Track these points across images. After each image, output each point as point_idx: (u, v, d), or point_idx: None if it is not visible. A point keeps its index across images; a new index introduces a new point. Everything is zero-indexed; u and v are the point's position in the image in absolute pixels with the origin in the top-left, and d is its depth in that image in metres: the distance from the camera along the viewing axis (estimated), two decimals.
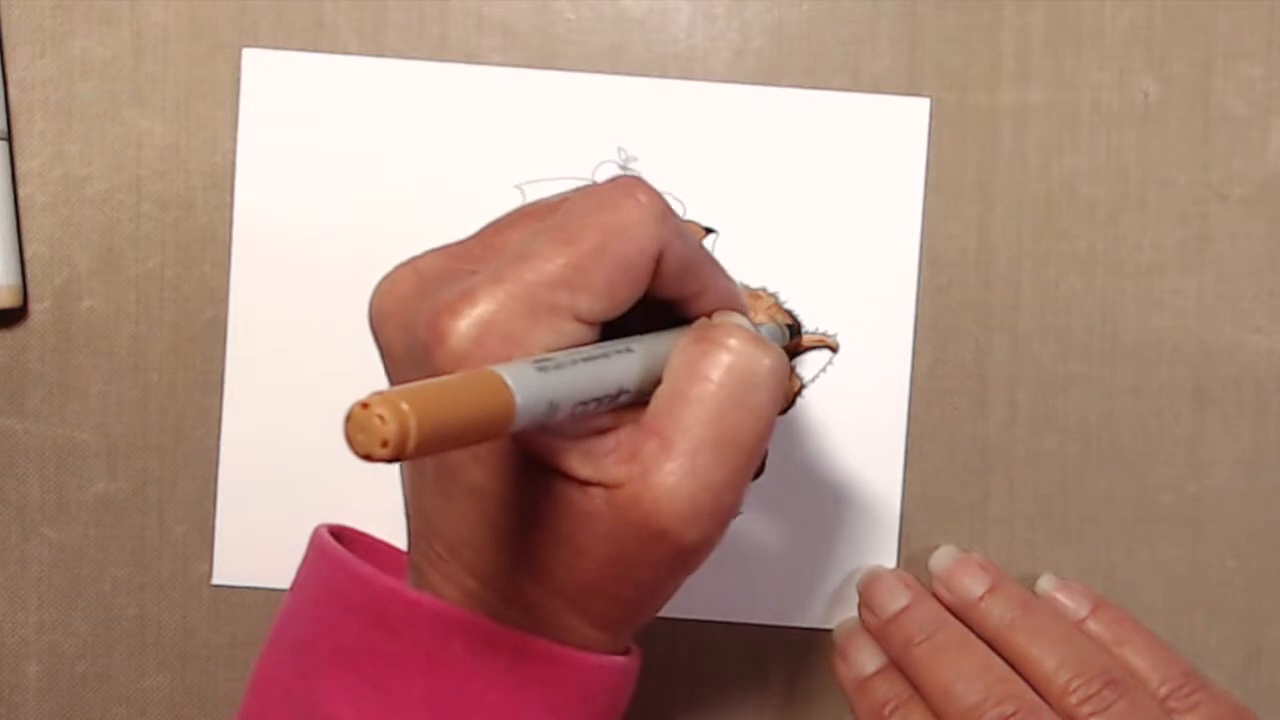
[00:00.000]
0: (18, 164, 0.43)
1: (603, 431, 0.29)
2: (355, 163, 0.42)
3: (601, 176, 0.42)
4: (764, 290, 0.42)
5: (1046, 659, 0.38)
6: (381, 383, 0.32)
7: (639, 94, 0.42)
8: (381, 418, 0.22)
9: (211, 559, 0.43)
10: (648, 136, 0.42)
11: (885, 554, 0.43)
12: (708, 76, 0.42)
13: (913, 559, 0.43)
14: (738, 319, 0.32)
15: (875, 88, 0.42)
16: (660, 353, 0.30)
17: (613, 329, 0.30)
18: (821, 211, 0.42)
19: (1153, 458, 0.43)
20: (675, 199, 0.42)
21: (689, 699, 0.43)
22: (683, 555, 0.30)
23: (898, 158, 0.42)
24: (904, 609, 0.40)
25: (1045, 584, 0.41)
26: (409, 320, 0.30)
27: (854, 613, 0.42)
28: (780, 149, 0.42)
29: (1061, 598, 0.41)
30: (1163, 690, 0.38)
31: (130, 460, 0.43)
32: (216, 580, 0.43)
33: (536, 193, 0.42)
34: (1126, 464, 0.43)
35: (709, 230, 0.42)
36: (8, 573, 0.43)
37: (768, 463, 0.43)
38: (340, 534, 0.37)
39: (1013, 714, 0.36)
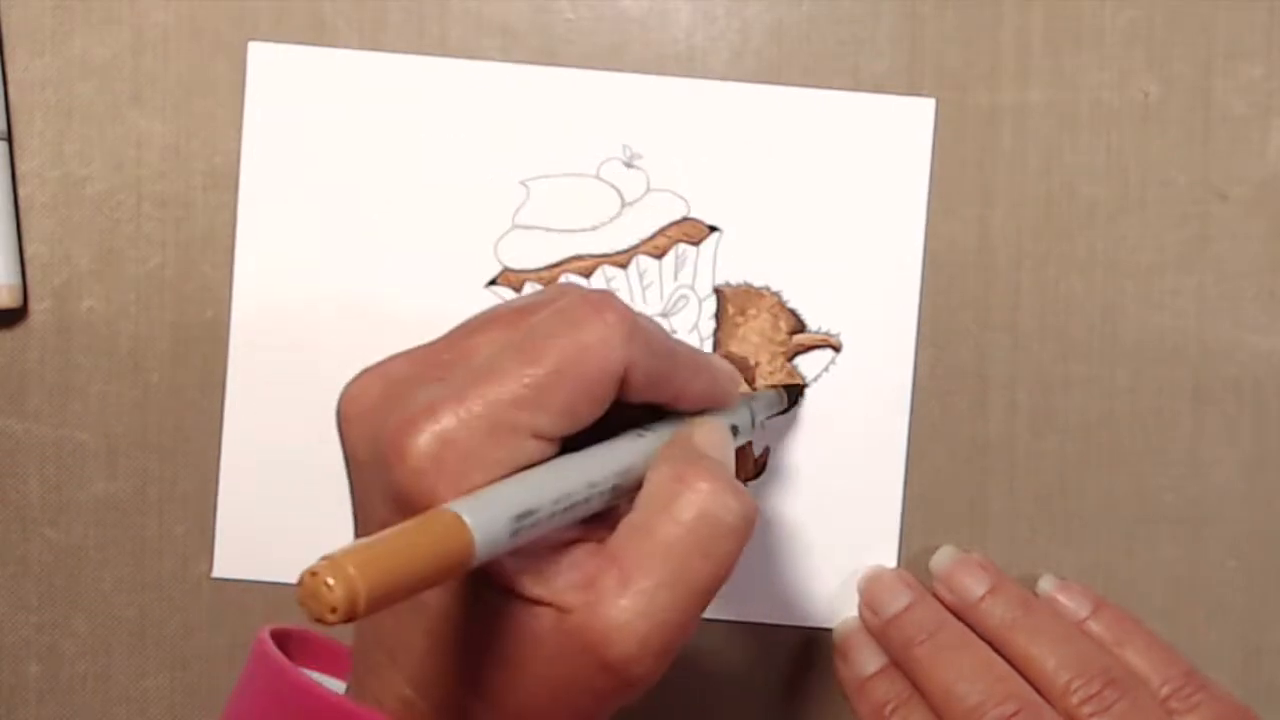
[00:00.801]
0: (18, 164, 0.43)
1: (559, 548, 0.29)
2: (360, 157, 0.42)
3: (607, 173, 0.42)
4: (767, 289, 0.42)
5: (1048, 659, 0.38)
6: None
7: (645, 91, 0.42)
8: (329, 585, 0.22)
9: (212, 559, 0.43)
10: (653, 134, 0.42)
11: (885, 554, 0.43)
12: (707, 76, 0.42)
13: (913, 559, 0.43)
14: (713, 437, 0.32)
15: (875, 88, 0.42)
16: (630, 464, 0.30)
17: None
18: (826, 211, 0.42)
19: (1153, 458, 0.43)
20: (679, 197, 0.42)
21: (689, 699, 0.43)
22: (623, 688, 0.29)
23: (902, 158, 0.42)
24: (905, 609, 0.40)
25: (1046, 584, 0.41)
26: (373, 429, 0.29)
27: (854, 613, 0.42)
28: (786, 148, 0.42)
29: (1062, 598, 0.41)
30: (1164, 690, 0.38)
31: (130, 460, 0.43)
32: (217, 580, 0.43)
33: (541, 189, 0.42)
34: (1126, 464, 0.43)
35: (713, 229, 0.42)
36: (8, 573, 0.43)
37: (768, 462, 0.43)
38: (288, 634, 0.37)
39: (1014, 714, 0.36)
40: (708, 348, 0.43)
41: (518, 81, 0.42)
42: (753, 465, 0.43)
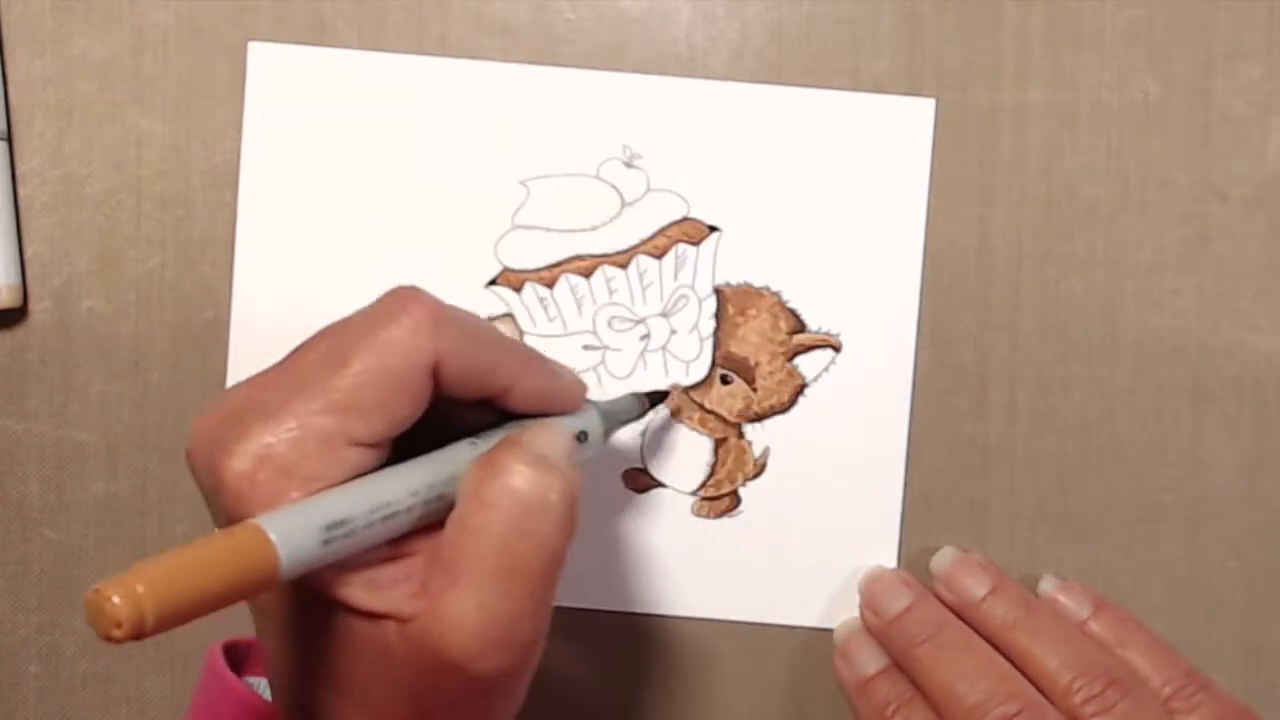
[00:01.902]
0: (18, 164, 0.43)
1: (391, 559, 0.29)
2: (360, 157, 0.42)
3: (607, 173, 0.42)
4: (767, 289, 0.42)
5: (1049, 659, 0.38)
6: None
7: (646, 91, 0.42)
8: (114, 602, 0.22)
9: None
10: (653, 134, 0.42)
11: (885, 554, 0.43)
12: (707, 76, 0.42)
13: (913, 559, 0.43)
14: (541, 434, 0.31)
15: (875, 88, 0.42)
16: (460, 471, 0.30)
17: (438, 427, 0.29)
18: (826, 211, 0.42)
19: (1153, 458, 0.43)
20: (679, 196, 0.42)
21: (689, 699, 0.43)
22: (482, 686, 0.29)
23: (902, 158, 0.42)
24: (906, 609, 0.40)
25: (1046, 585, 0.41)
26: (207, 459, 0.29)
27: (855, 613, 0.42)
28: (786, 148, 0.42)
29: (1063, 599, 0.41)
30: (1165, 691, 0.38)
31: (130, 460, 0.43)
32: None
33: (542, 189, 0.42)
34: (1126, 464, 0.43)
35: (713, 229, 0.42)
36: (8, 573, 0.43)
37: (769, 462, 0.43)
38: (249, 645, 0.37)
39: (1016, 714, 0.36)
40: (708, 348, 0.43)
41: (518, 81, 0.42)
42: (752, 465, 0.43)
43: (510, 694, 0.30)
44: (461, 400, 0.31)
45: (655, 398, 0.41)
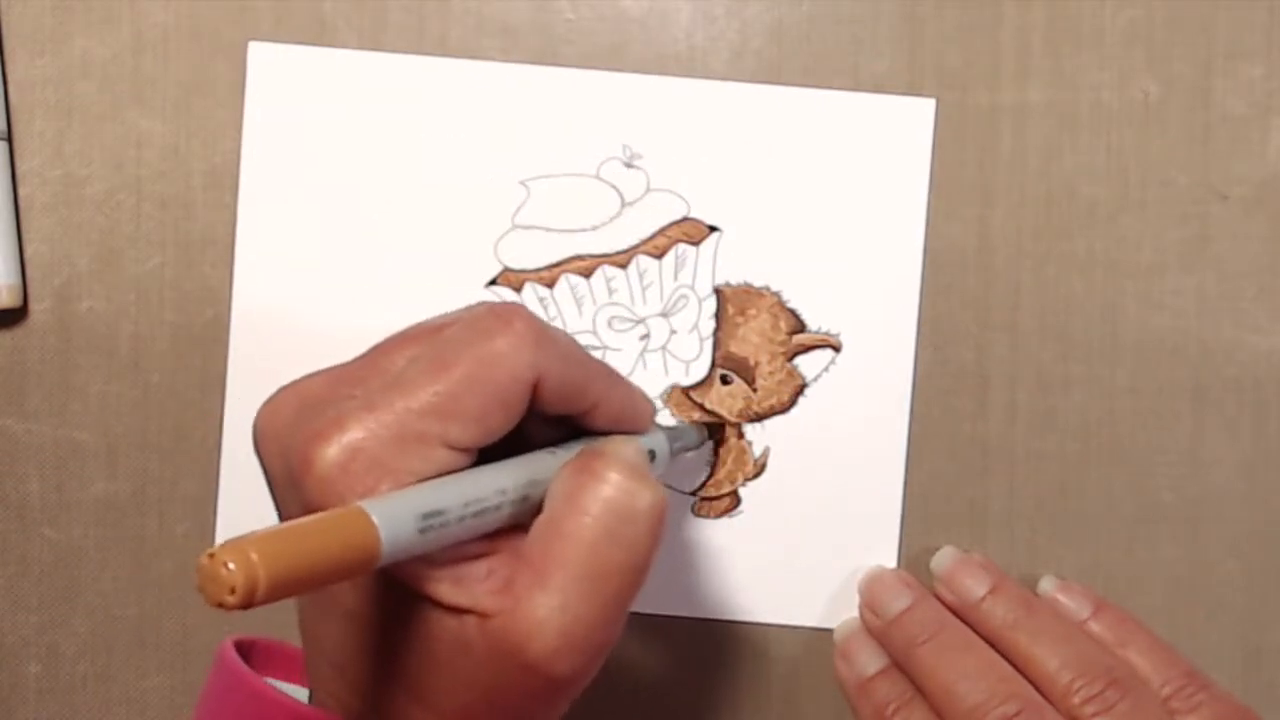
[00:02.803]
0: (18, 164, 0.43)
1: (476, 556, 0.29)
2: (360, 157, 0.42)
3: (607, 173, 0.42)
4: (767, 289, 0.42)
5: (1049, 659, 0.38)
6: None
7: (646, 91, 0.42)
8: (228, 567, 0.22)
9: None
10: (653, 134, 0.42)
11: (885, 554, 0.43)
12: (708, 76, 0.42)
13: (913, 559, 0.43)
14: (625, 447, 0.32)
15: (875, 88, 0.42)
16: (542, 477, 0.30)
17: (511, 439, 0.30)
18: (826, 211, 0.42)
19: (1153, 458, 0.43)
20: (679, 196, 0.42)
21: (689, 699, 0.43)
22: (554, 687, 0.29)
23: (902, 158, 0.42)
24: (906, 609, 0.40)
25: (1046, 585, 0.41)
26: (286, 445, 0.29)
27: (854, 613, 0.42)
28: (786, 148, 0.42)
29: (1063, 599, 0.41)
30: (1165, 691, 0.38)
31: (130, 460, 0.43)
32: None
33: (542, 189, 0.42)
34: (1126, 464, 0.43)
35: (713, 229, 0.42)
36: (8, 573, 0.43)
37: (769, 462, 0.43)
38: (253, 644, 0.38)
39: (1016, 714, 0.36)
40: (708, 348, 0.43)
41: (518, 81, 0.42)
42: (752, 465, 0.43)
43: (573, 696, 0.31)
44: (543, 413, 0.31)
45: (713, 429, 0.42)
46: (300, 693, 0.36)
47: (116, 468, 0.43)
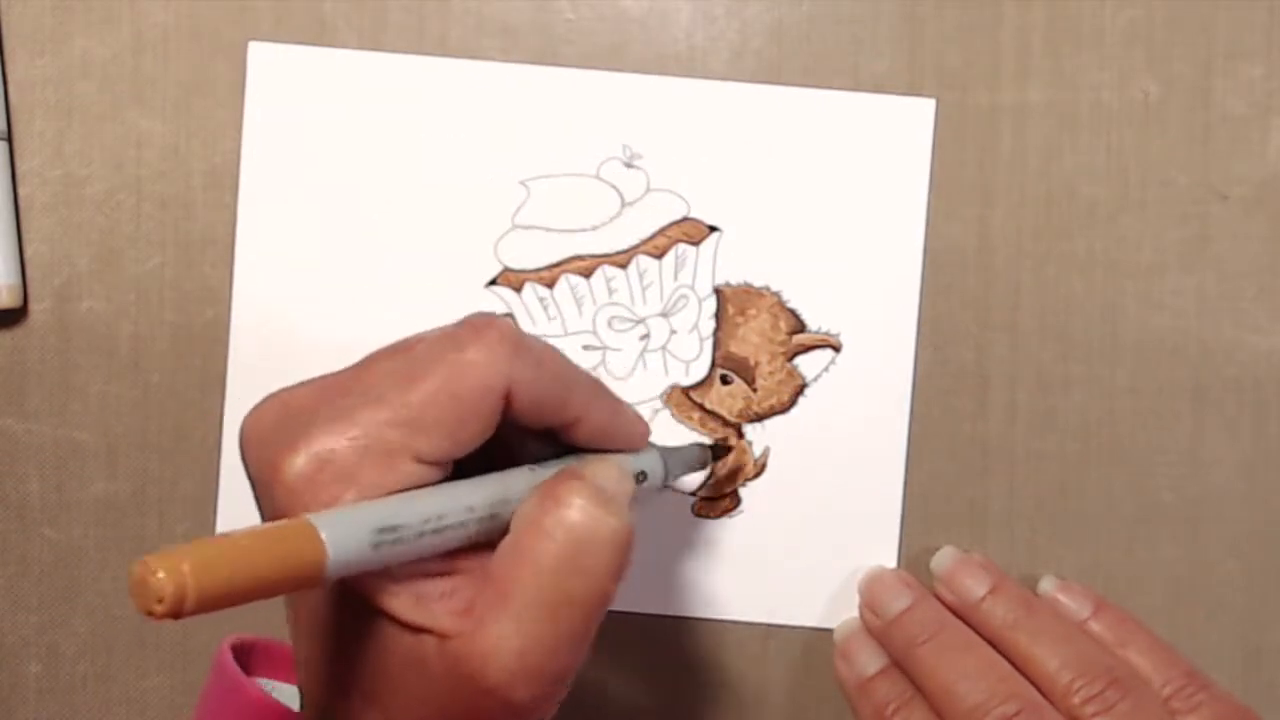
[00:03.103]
0: (18, 164, 0.43)
1: (438, 574, 0.29)
2: (360, 157, 0.42)
3: (607, 173, 0.42)
4: (767, 289, 0.42)
5: (1049, 659, 0.38)
6: None
7: (646, 91, 0.42)
8: (159, 577, 0.22)
9: None
10: (653, 134, 0.42)
11: (885, 554, 0.43)
12: (708, 76, 0.42)
13: (913, 559, 0.43)
14: (603, 469, 0.31)
15: (875, 88, 0.42)
16: (514, 495, 0.30)
17: (497, 454, 0.30)
18: (826, 211, 0.42)
19: (1153, 458, 0.43)
20: (679, 196, 0.42)
21: (689, 699, 0.43)
22: (512, 713, 0.29)
23: (902, 158, 0.42)
24: (906, 609, 0.40)
25: (1046, 585, 0.41)
26: (263, 452, 0.29)
27: (854, 613, 0.42)
28: (786, 148, 0.42)
29: (1063, 598, 0.41)
30: (1165, 691, 0.38)
31: (130, 460, 0.43)
32: None
33: (541, 189, 0.42)
34: (1126, 464, 0.43)
35: (713, 229, 0.42)
36: (8, 573, 0.43)
37: (769, 462, 0.43)
38: (253, 645, 0.38)
39: (1016, 714, 0.36)
40: (708, 348, 0.43)
41: (518, 81, 0.42)
42: (753, 465, 0.43)
43: None
44: (525, 428, 0.31)
45: (719, 450, 0.41)
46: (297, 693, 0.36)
47: (116, 468, 0.43)
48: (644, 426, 0.35)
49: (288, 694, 0.37)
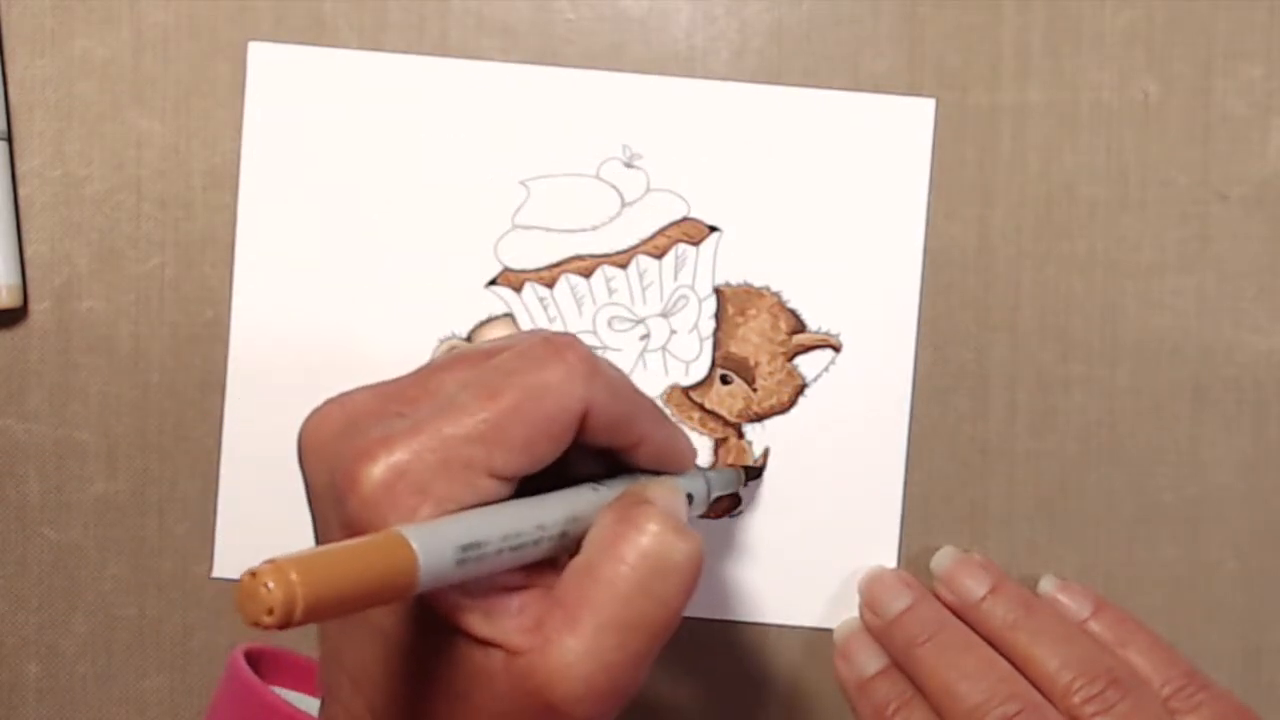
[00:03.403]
0: (18, 164, 0.43)
1: (510, 590, 0.29)
2: (360, 157, 0.42)
3: (607, 173, 0.42)
4: (767, 289, 0.42)
5: (1049, 659, 0.38)
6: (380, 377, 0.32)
7: (646, 91, 0.42)
8: (268, 587, 0.22)
9: (212, 559, 0.43)
10: (653, 134, 0.42)
11: (885, 554, 0.43)
12: (708, 76, 0.43)
13: (913, 559, 0.43)
14: (667, 495, 0.32)
15: (875, 88, 0.42)
16: (582, 514, 0.30)
17: (552, 465, 0.30)
18: (826, 211, 0.42)
19: (1153, 458, 0.43)
20: (679, 196, 0.42)
21: (689, 699, 0.43)
22: None
23: (902, 158, 0.42)
24: (906, 609, 0.40)
25: (1046, 585, 0.41)
26: (331, 459, 0.29)
27: (854, 613, 0.42)
28: (786, 148, 0.42)
29: (1063, 598, 0.41)
30: (1165, 690, 0.38)
31: (130, 460, 0.43)
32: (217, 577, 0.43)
33: (541, 189, 0.42)
34: (1126, 464, 0.43)
35: (713, 229, 0.42)
36: (8, 573, 0.43)
37: (769, 462, 0.43)
38: (262, 653, 0.38)
39: (1016, 714, 0.36)
40: (708, 348, 0.43)
41: (518, 81, 0.42)
42: (753, 465, 0.43)
43: None
44: (586, 446, 0.31)
45: (751, 472, 0.42)
46: (307, 702, 0.36)
47: (116, 468, 0.43)
48: (693, 450, 0.35)
49: (299, 702, 0.37)
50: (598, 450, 0.32)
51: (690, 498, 0.35)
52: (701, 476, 0.36)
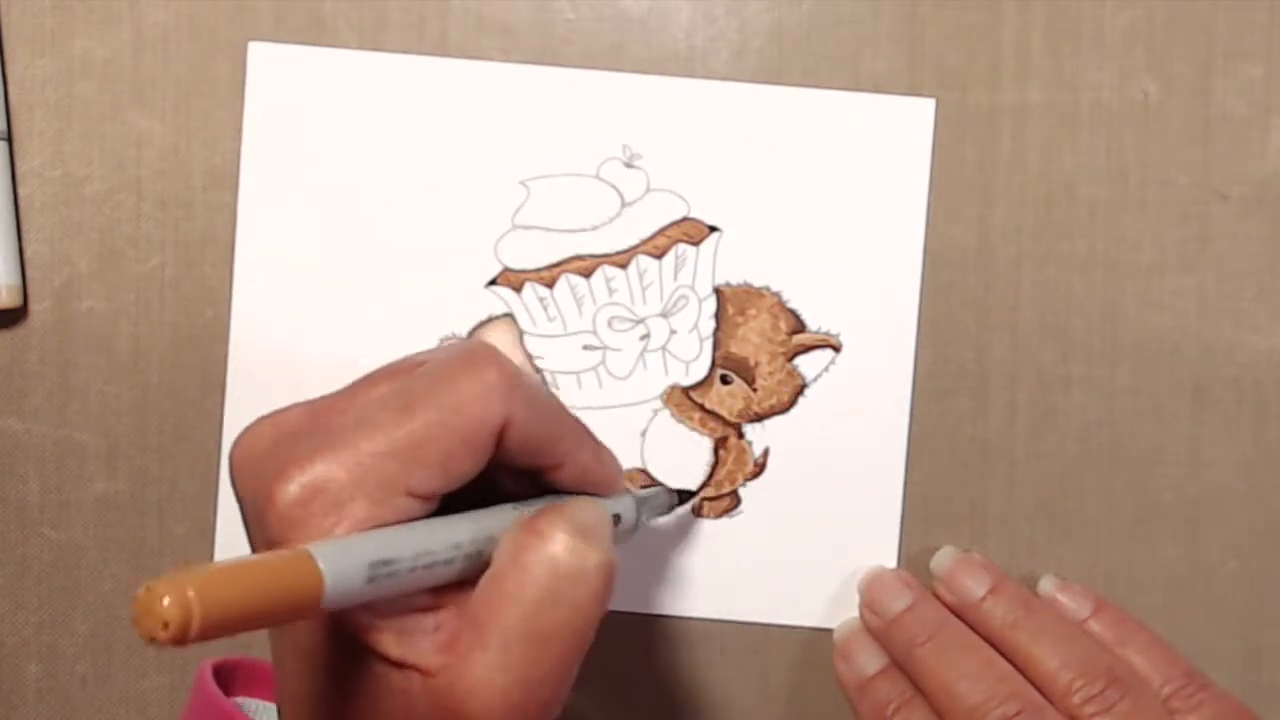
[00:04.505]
0: (18, 164, 0.43)
1: (424, 610, 0.29)
2: (360, 157, 0.42)
3: (607, 173, 0.42)
4: (767, 289, 0.42)
5: (1049, 659, 0.38)
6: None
7: (646, 91, 0.42)
8: (164, 603, 0.22)
9: (212, 559, 0.43)
10: (653, 134, 0.42)
11: (885, 554, 0.43)
12: (708, 76, 0.42)
13: (913, 559, 0.43)
14: (583, 508, 0.31)
15: (875, 88, 0.42)
16: (499, 533, 0.30)
17: (476, 486, 0.30)
18: (826, 211, 0.42)
19: (1153, 458, 0.43)
20: (679, 196, 0.42)
21: (689, 699, 0.43)
22: None
23: (902, 158, 0.42)
24: (906, 609, 0.40)
25: (1046, 585, 0.41)
26: (255, 477, 0.29)
27: (854, 613, 0.42)
28: (786, 148, 0.42)
29: (1063, 598, 0.41)
30: (1165, 690, 0.38)
31: (130, 460, 0.43)
32: None
33: (541, 189, 0.42)
34: (1126, 464, 0.43)
35: (713, 229, 0.42)
36: (8, 573, 0.43)
37: (769, 462, 0.43)
38: (236, 665, 0.38)
39: (1016, 714, 0.36)
40: (708, 348, 0.43)
41: (518, 81, 0.42)
42: (752, 465, 0.43)
43: None
44: (507, 465, 0.31)
45: (684, 495, 0.41)
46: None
47: (116, 468, 0.43)
48: (621, 473, 0.35)
49: (270, 713, 0.37)
50: (520, 471, 0.32)
51: (618, 519, 0.34)
52: (630, 498, 0.36)
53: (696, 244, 0.42)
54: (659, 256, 0.42)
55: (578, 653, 0.30)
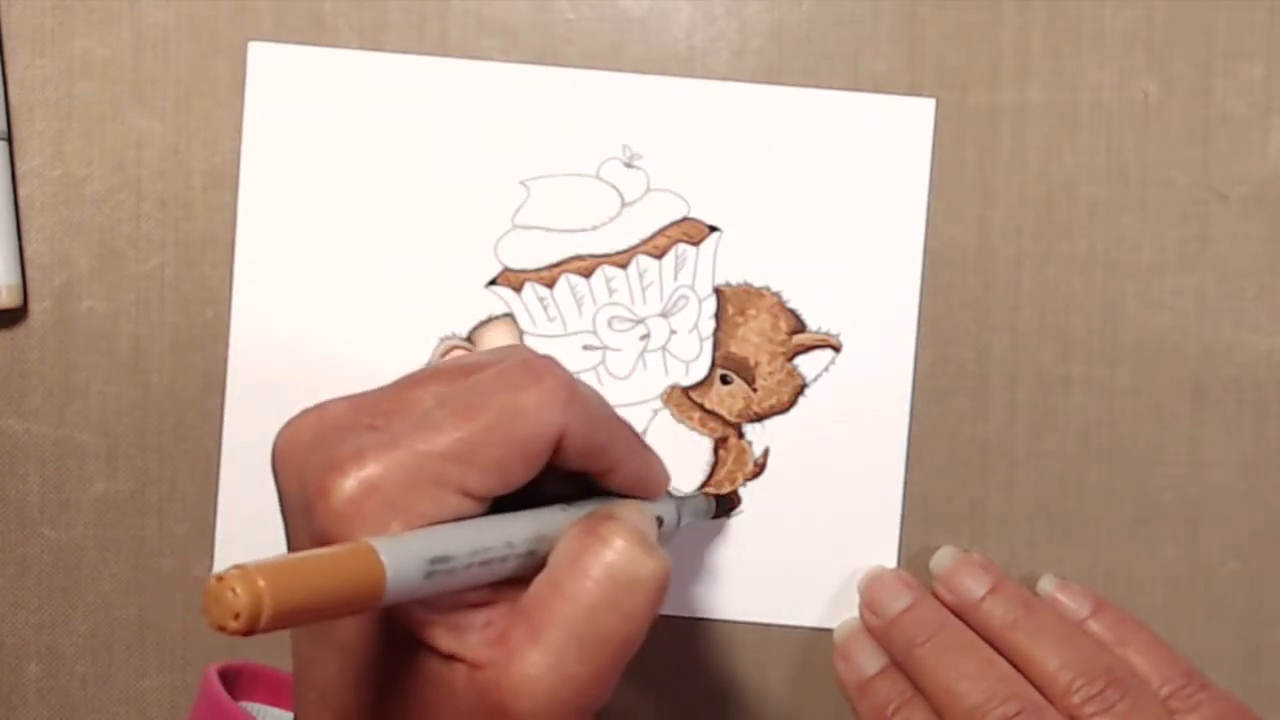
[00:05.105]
0: (18, 164, 0.43)
1: (476, 605, 0.29)
2: (360, 157, 0.42)
3: (607, 173, 0.42)
4: (767, 289, 0.42)
5: (1049, 659, 0.38)
6: (380, 381, 0.32)
7: (646, 91, 0.42)
8: (234, 591, 0.22)
9: (212, 559, 0.43)
10: (653, 134, 0.42)
11: (885, 554, 0.43)
12: (708, 76, 0.43)
13: (913, 559, 0.43)
14: (635, 513, 0.32)
15: (875, 88, 0.42)
16: (550, 533, 0.30)
17: (523, 487, 0.30)
18: (826, 211, 0.42)
19: (1153, 458, 0.43)
20: (679, 196, 0.42)
21: (689, 699, 0.43)
22: None
23: (902, 158, 0.42)
24: (906, 609, 0.40)
25: (1046, 585, 0.41)
26: (303, 470, 0.29)
27: (854, 613, 0.42)
28: (786, 148, 0.42)
29: (1063, 598, 0.41)
30: (1165, 690, 0.38)
31: (130, 460, 0.43)
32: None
33: (541, 189, 0.42)
34: (1126, 464, 0.43)
35: (713, 229, 0.42)
36: (8, 573, 0.43)
37: (769, 462, 0.43)
38: (239, 670, 0.38)
39: (1016, 714, 0.36)
40: (708, 348, 0.43)
41: (518, 81, 0.42)
42: (752, 465, 0.43)
43: None
44: (559, 469, 0.31)
45: (723, 502, 0.42)
46: (283, 717, 0.36)
47: (116, 468, 0.43)
48: (666, 476, 0.35)
49: (273, 718, 0.37)
50: (568, 474, 0.32)
51: (660, 521, 0.35)
52: (672, 502, 0.36)
53: (696, 244, 0.42)
54: (659, 256, 0.42)
55: (625, 658, 0.30)
